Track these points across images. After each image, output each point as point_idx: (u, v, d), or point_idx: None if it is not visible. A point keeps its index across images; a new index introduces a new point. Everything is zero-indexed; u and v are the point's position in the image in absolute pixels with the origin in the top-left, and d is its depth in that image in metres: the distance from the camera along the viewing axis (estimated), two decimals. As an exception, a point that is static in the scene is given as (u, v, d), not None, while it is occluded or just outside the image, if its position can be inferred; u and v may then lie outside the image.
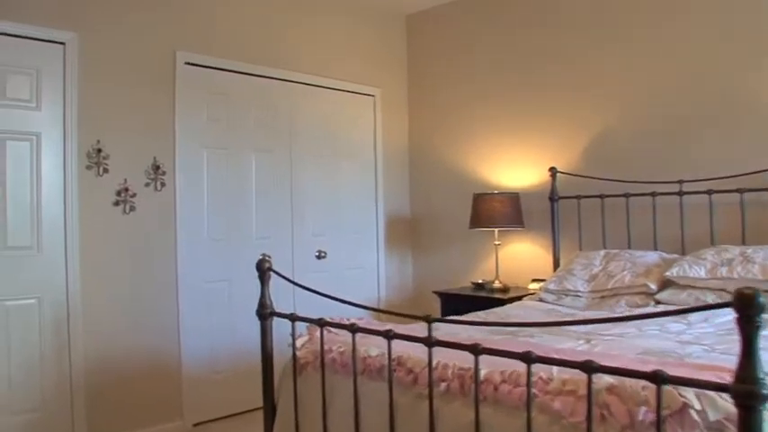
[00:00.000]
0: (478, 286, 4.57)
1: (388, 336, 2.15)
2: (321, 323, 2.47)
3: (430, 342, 2.02)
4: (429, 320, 2.09)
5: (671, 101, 3.91)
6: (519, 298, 4.12)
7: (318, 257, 4.67)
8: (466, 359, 1.99)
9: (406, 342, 2.16)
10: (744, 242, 3.58)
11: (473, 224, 4.49)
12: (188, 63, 3.99)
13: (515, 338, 2.57)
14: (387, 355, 2.17)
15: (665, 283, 3.46)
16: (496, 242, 4.47)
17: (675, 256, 3.68)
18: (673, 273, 3.38)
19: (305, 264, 4.59)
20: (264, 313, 2.65)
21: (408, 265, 5.33)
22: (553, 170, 4.32)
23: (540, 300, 3.80)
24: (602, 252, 3.89)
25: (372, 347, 2.35)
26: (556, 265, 4.31)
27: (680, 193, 3.80)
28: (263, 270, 2.61)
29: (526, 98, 4.59)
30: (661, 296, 3.42)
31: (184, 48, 3.98)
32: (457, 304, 4.38)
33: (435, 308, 4.76)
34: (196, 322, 4.00)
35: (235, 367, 4.18)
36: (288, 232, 4.52)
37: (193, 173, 4.04)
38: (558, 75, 4.41)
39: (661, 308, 3.32)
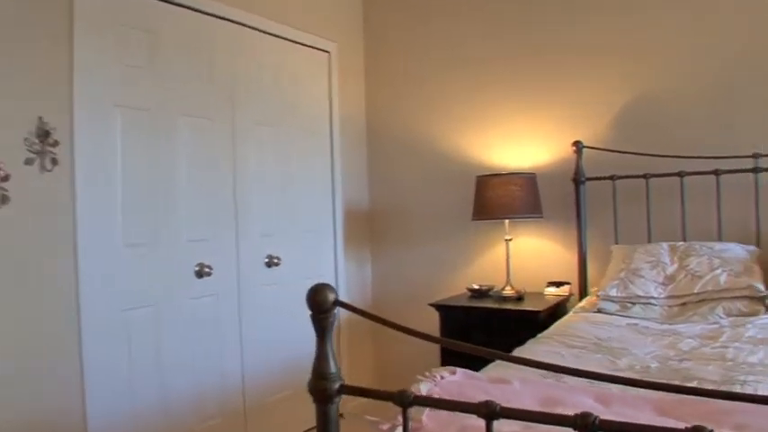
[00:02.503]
0: (477, 294, 3.57)
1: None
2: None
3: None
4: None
5: (728, 58, 3.16)
6: (554, 312, 3.20)
7: (269, 265, 3.41)
8: None
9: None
10: (841, 228, 2.90)
11: (478, 214, 3.48)
12: (90, -23, 2.60)
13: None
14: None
15: (772, 284, 2.69)
16: (507, 237, 3.49)
17: (753, 248, 2.92)
18: (794, 270, 2.60)
19: (253, 275, 3.33)
20: (328, 390, 1.43)
21: (366, 271, 4.20)
22: (579, 145, 3.42)
23: (599, 311, 2.88)
24: (665, 246, 3.05)
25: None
26: (581, 264, 3.42)
27: (755, 170, 3.05)
28: (325, 308, 1.41)
29: (534, 61, 3.66)
30: (774, 300, 2.64)
31: (83, -48, 2.58)
32: (462, 320, 3.36)
33: (425, 326, 3.71)
34: (108, 374, 2.62)
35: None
36: (230, 232, 3.23)
37: (101, 143, 2.65)
38: (574, 33, 3.53)
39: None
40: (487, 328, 3.29)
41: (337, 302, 1.40)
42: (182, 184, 2.97)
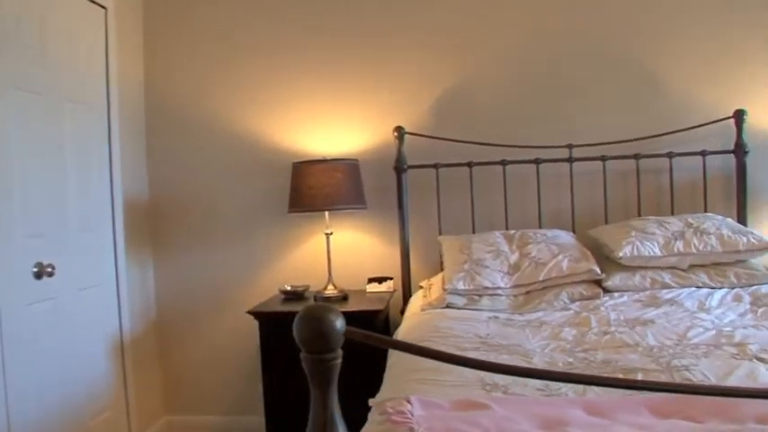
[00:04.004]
0: (292, 296, 3.13)
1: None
2: None
3: None
4: None
5: (549, 50, 3.24)
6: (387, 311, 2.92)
7: (39, 276, 2.52)
8: None
9: None
10: (639, 214, 3.14)
11: (295, 206, 3.04)
12: None
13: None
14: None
15: (605, 267, 2.78)
16: (327, 230, 3.11)
17: (573, 234, 3.02)
18: (626, 253, 2.71)
19: (16, 290, 2.41)
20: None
21: (149, 277, 3.44)
22: (400, 130, 3.20)
23: (448, 306, 2.67)
24: (499, 234, 2.98)
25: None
26: (404, 258, 3.21)
27: (570, 160, 3.16)
28: (331, 344, 0.95)
29: (353, 44, 3.33)
30: (612, 282, 2.71)
31: None
32: (289, 330, 2.89)
33: (239, 339, 3.17)
34: None
35: None
36: (-21, 231, 2.30)
37: None
38: (394, 16, 3.31)
39: (618, 297, 2.61)
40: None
41: (353, 335, 0.93)
42: None
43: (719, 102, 3.13)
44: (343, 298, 3.07)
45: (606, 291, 2.71)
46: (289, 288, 3.17)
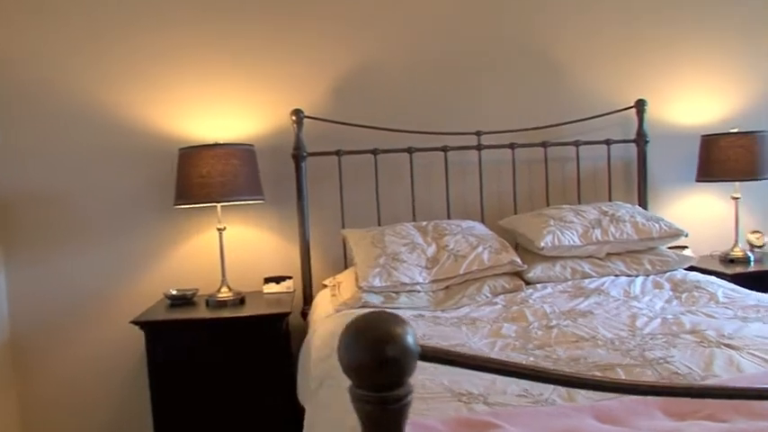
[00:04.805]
0: (179, 300, 2.71)
1: None
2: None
3: None
4: None
5: (456, 33, 3.08)
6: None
7: None
8: None
9: None
10: (548, 204, 3.07)
11: (182, 198, 2.63)
12: None
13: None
14: None
15: (524, 259, 2.65)
16: (220, 225, 2.71)
17: (484, 226, 2.88)
18: (547, 243, 2.60)
19: None
20: None
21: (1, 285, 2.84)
22: (299, 114, 2.88)
23: (364, 305, 2.41)
24: (410, 226, 2.76)
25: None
26: (304, 254, 2.90)
27: (479, 147, 3.02)
28: (401, 375, 0.64)
29: (243, 20, 2.93)
30: (533, 274, 2.59)
31: None
32: (186, 339, 2.49)
33: (119, 353, 2.71)
34: None
35: None
36: None
37: None
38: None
39: (542, 289, 2.49)
40: (225, 345, 2.50)
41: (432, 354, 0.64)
42: None
43: (623, 91, 3.15)
44: (240, 301, 2.70)
45: (527, 283, 2.59)
46: (175, 292, 2.74)
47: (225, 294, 2.69)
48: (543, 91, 3.13)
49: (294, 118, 2.87)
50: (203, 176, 2.57)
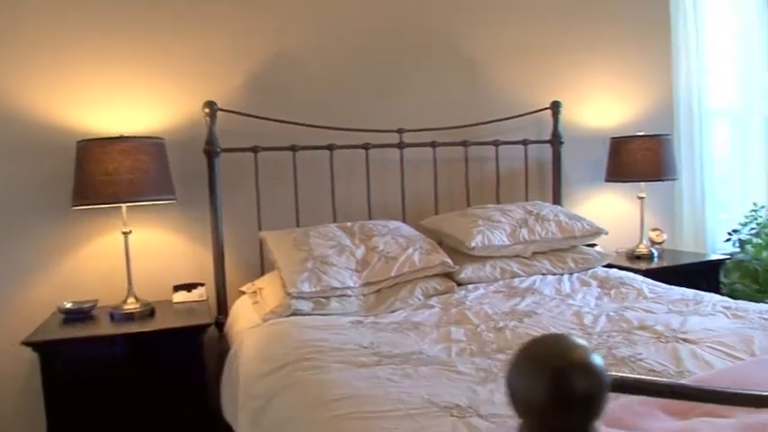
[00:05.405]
0: (74, 315, 2.40)
1: None
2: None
3: None
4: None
5: (381, 25, 2.98)
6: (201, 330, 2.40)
7: None
8: None
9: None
10: (468, 203, 3.05)
11: (81, 198, 2.33)
12: None
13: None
14: None
15: (453, 259, 2.59)
16: (125, 229, 2.43)
17: (410, 227, 2.81)
18: (477, 242, 2.56)
19: None
20: None
21: None
22: (213, 107, 2.65)
23: (294, 313, 2.24)
24: (334, 227, 2.62)
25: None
26: (218, 259, 2.67)
27: (401, 146, 2.93)
28: (598, 395, 0.51)
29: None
30: (464, 275, 2.54)
31: None
32: (89, 360, 2.19)
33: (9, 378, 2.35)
34: None
35: None
36: None
37: None
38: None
39: (474, 290, 2.45)
40: (135, 362, 2.23)
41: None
42: None
43: (539, 93, 3.19)
44: (150, 313, 2.43)
45: (458, 284, 2.53)
46: (69, 305, 2.42)
47: (132, 306, 2.41)
48: (464, 90, 3.11)
49: (207, 111, 2.63)
50: (109, 174, 2.28)
